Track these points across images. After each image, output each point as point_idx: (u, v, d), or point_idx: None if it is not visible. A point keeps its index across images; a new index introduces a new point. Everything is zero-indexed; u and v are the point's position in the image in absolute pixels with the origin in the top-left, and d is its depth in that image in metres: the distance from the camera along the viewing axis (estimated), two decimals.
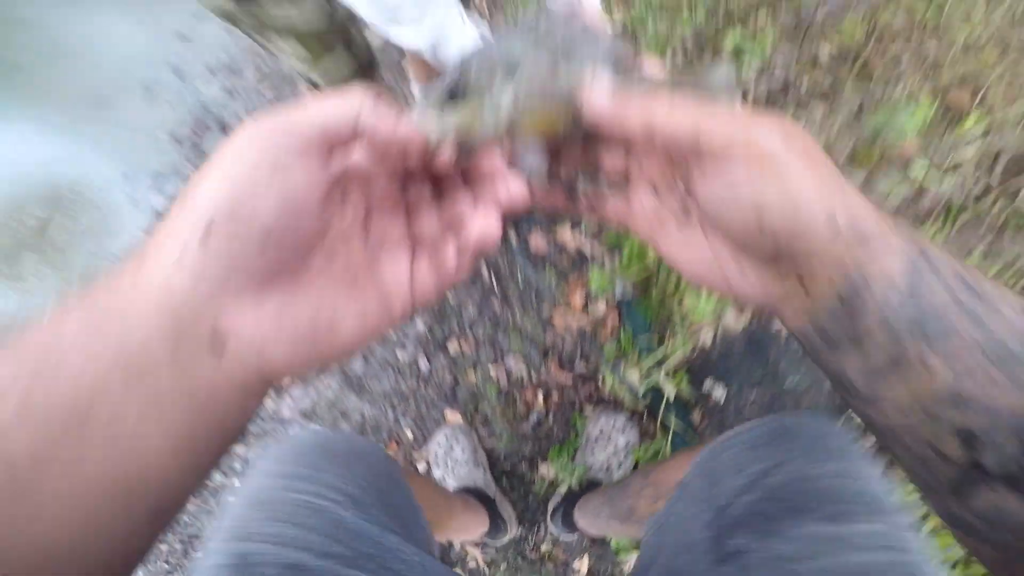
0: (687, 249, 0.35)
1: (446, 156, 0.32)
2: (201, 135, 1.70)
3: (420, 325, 1.32)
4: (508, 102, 0.33)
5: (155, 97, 1.84)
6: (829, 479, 0.45)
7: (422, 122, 0.31)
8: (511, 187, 0.33)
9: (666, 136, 0.31)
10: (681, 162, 0.33)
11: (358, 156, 0.31)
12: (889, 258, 0.28)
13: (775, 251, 0.30)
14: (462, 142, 0.33)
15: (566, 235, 1.33)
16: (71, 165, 1.85)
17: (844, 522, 0.42)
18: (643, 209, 0.36)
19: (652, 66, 0.39)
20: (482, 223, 0.32)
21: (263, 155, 0.25)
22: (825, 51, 1.57)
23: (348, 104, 0.28)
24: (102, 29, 2.16)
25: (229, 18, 0.96)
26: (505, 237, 1.37)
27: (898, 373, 0.28)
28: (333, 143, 0.28)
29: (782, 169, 0.28)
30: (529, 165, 0.38)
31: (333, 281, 0.30)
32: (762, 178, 0.28)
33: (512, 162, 0.36)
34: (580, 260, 1.32)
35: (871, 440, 0.36)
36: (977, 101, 1.44)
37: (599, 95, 0.33)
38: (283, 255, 0.26)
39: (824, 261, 0.29)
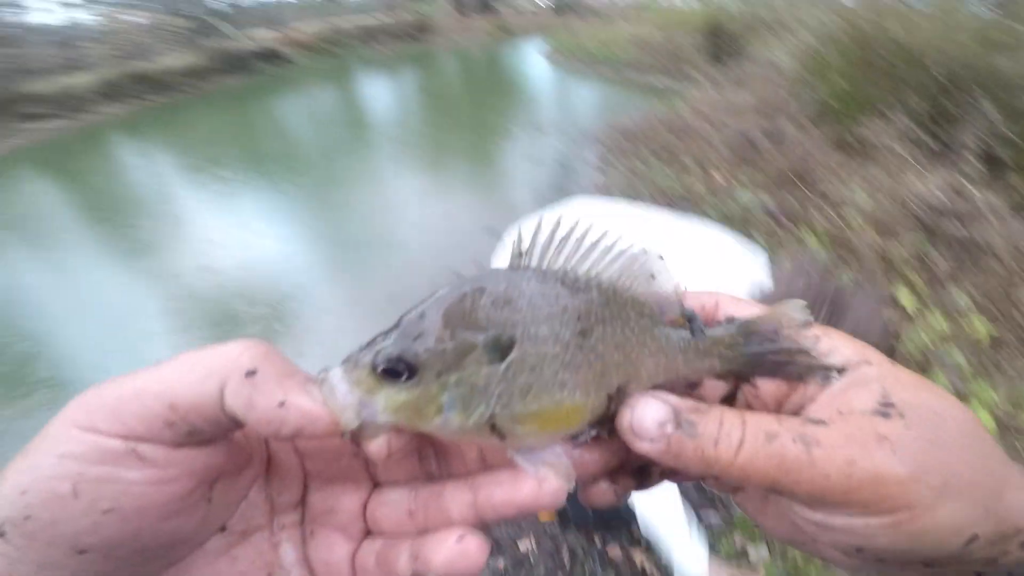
0: (771, 519, 0.29)
1: (376, 449, 0.24)
2: None
3: (501, 562, 1.75)
4: (488, 399, 0.24)
5: None
6: None
7: (334, 402, 0.23)
8: (526, 489, 0.25)
9: (734, 481, 0.25)
10: None
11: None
12: None
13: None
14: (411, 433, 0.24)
15: (638, 554, 1.70)
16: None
17: None
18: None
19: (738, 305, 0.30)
20: (452, 550, 0.25)
21: (78, 447, 0.21)
22: None
23: (209, 373, 0.22)
24: (422, 236, 3.04)
25: None
26: (590, 537, 1.67)
27: None
28: (192, 425, 0.22)
29: (903, 515, 0.23)
30: (542, 465, 0.26)
31: (234, 573, 0.25)
32: (868, 526, 0.24)
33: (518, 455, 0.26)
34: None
35: None
36: None
37: (642, 428, 0.25)
38: (120, 562, 0.22)
39: (960, 564, 0.24)
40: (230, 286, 3.87)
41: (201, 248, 4.60)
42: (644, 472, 0.31)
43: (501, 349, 0.25)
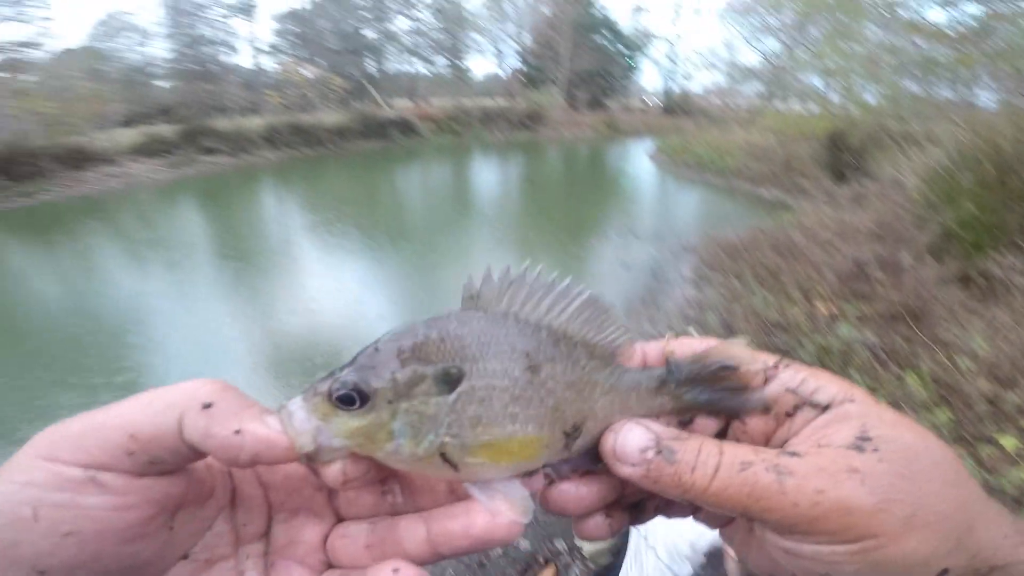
0: (754, 552, 0.30)
1: (332, 474, 0.26)
2: None
3: None
4: (438, 428, 0.25)
5: None
6: None
7: (291, 427, 0.24)
8: (479, 521, 0.26)
9: (709, 507, 0.27)
10: None
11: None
12: None
13: None
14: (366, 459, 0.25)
15: None
16: None
17: None
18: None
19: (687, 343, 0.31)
20: None
21: (39, 475, 0.23)
22: None
23: (168, 406, 0.24)
24: None
25: None
26: None
27: None
28: (152, 454, 0.24)
29: (869, 543, 0.24)
30: (498, 498, 0.27)
31: None
32: (834, 553, 0.24)
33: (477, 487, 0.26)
34: None
35: None
36: None
37: (624, 452, 0.26)
38: None
39: None
40: (320, 335, 4.21)
41: (305, 296, 5.07)
42: (639, 506, 0.32)
43: (451, 381, 0.26)
